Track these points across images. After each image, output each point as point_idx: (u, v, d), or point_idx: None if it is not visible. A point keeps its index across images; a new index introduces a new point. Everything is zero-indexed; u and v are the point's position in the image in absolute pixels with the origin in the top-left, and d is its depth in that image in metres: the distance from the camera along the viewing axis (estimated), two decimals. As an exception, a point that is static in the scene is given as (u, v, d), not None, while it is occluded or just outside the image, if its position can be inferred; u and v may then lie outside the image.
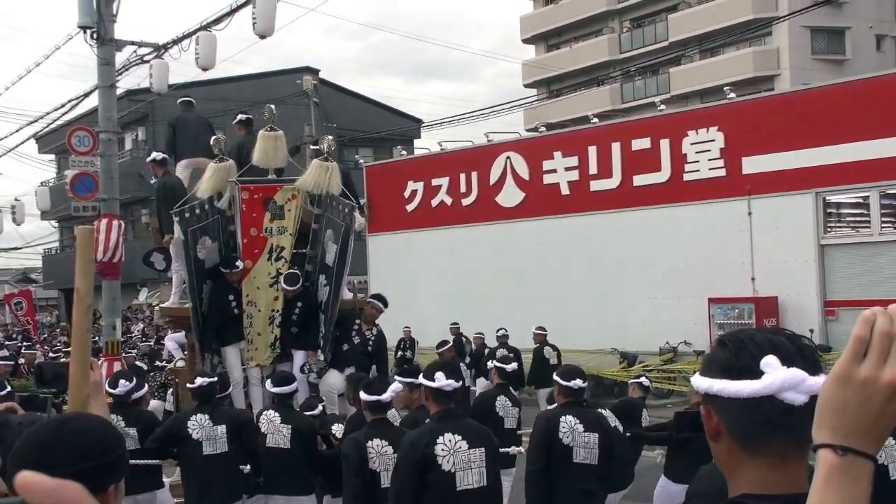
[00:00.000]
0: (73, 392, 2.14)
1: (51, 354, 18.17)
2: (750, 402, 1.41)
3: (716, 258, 16.55)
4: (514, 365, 7.88)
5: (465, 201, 21.18)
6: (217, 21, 14.23)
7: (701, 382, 1.49)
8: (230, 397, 7.90)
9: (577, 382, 5.65)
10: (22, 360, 15.38)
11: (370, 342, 9.06)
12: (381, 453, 5.02)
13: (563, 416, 5.49)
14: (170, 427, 6.46)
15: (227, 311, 8.97)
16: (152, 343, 19.68)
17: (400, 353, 17.50)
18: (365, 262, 23.99)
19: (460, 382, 4.89)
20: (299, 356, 8.93)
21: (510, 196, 20.29)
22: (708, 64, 37.35)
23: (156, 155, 11.08)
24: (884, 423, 1.15)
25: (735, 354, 1.46)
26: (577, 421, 5.46)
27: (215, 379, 6.69)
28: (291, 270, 8.98)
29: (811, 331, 15.49)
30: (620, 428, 6.55)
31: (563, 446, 5.43)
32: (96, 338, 16.61)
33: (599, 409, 6.24)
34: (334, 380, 8.65)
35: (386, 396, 5.29)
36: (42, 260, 48.12)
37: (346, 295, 9.45)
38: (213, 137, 9.56)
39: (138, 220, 39.11)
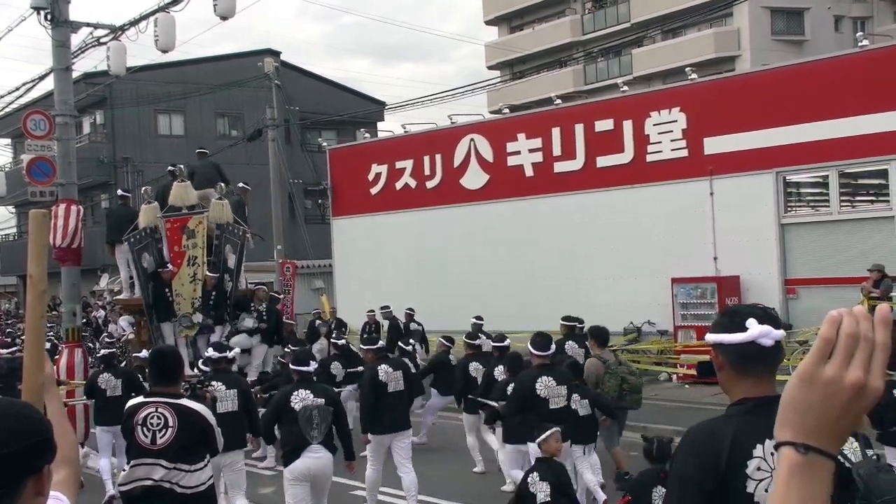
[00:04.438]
0: (27, 380, 2.08)
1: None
2: (740, 345, 2.44)
3: (678, 238, 16.68)
4: (342, 341, 13.44)
5: (430, 184, 21.13)
6: (175, 2, 14.01)
7: (711, 337, 2.53)
8: None
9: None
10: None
11: (264, 314, 14.04)
12: (222, 392, 7.95)
13: (294, 391, 7.35)
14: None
15: (164, 300, 13.36)
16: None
17: (366, 336, 17.34)
18: (329, 245, 23.89)
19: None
20: (217, 329, 13.41)
21: (474, 178, 20.27)
22: (670, 45, 37.55)
23: (120, 191, 16.16)
24: (845, 424, 1.16)
25: (730, 319, 2.52)
26: (313, 394, 7.29)
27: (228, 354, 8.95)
28: (212, 266, 13.50)
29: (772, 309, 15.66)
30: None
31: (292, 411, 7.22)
32: (53, 324, 16.49)
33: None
34: (239, 341, 13.16)
35: (229, 355, 8.84)
36: (-1, 246, 47.31)
37: (242, 285, 14.41)
38: (143, 188, 14.68)
39: (98, 205, 38.56)
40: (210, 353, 8.89)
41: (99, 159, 36.76)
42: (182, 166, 14.42)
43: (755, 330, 2.40)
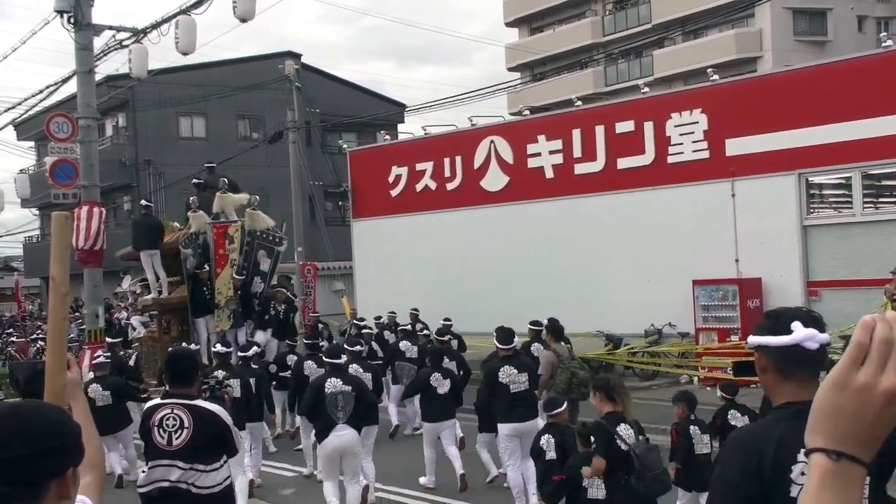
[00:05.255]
0: (50, 383, 2.09)
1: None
2: (786, 348, 2.44)
3: (700, 240, 16.57)
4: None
5: (450, 186, 21.12)
6: (197, 4, 14.09)
7: (754, 339, 2.55)
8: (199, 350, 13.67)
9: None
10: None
11: (280, 313, 16.16)
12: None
13: (328, 379, 8.87)
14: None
15: (202, 298, 15.46)
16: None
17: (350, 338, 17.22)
18: (349, 247, 23.93)
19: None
20: (245, 324, 15.64)
21: (494, 180, 20.25)
22: (691, 46, 37.38)
23: (143, 202, 17.66)
24: (878, 431, 1.14)
25: (775, 321, 2.51)
26: (342, 382, 8.85)
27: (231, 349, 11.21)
28: (239, 270, 15.78)
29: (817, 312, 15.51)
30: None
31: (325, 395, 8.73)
32: (82, 325, 16.78)
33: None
34: (260, 337, 15.41)
35: (250, 353, 11.56)
36: (23, 248, 47.77)
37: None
38: (190, 198, 16.34)
39: (120, 207, 38.83)
40: (218, 348, 10.67)
41: (121, 162, 37.01)
42: (225, 179, 16.35)
43: (800, 333, 2.41)
